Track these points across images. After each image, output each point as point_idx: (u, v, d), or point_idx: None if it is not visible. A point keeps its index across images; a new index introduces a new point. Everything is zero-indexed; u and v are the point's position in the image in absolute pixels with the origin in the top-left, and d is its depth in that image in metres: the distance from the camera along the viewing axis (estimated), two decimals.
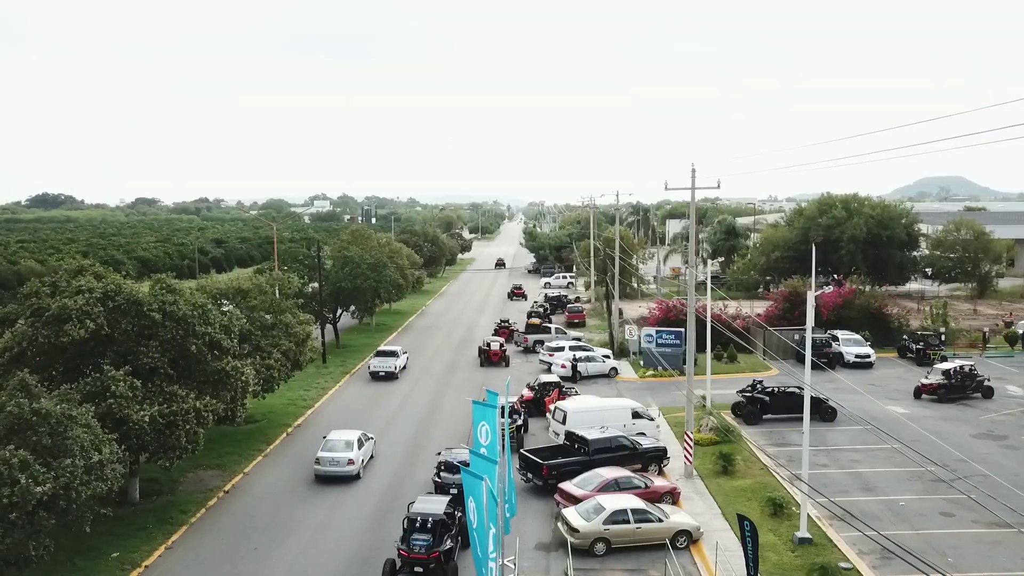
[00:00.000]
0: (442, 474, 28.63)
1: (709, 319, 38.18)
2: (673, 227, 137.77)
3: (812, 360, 50.48)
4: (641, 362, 52.33)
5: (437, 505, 24.01)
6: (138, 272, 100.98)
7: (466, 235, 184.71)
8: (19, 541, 16.68)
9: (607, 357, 51.45)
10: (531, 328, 62.51)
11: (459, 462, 28.90)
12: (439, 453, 31.17)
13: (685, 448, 31.88)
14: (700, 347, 51.89)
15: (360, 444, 31.46)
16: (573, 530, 24.90)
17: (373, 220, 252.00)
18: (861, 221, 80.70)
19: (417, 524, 22.96)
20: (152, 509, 27.68)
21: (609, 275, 63.75)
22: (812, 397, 38.81)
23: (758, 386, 39.81)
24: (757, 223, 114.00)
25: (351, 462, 30.58)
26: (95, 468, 18.93)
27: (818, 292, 53.24)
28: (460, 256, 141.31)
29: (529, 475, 30.49)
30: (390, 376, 49.04)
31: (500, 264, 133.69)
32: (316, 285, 54.87)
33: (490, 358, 53.56)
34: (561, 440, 33.90)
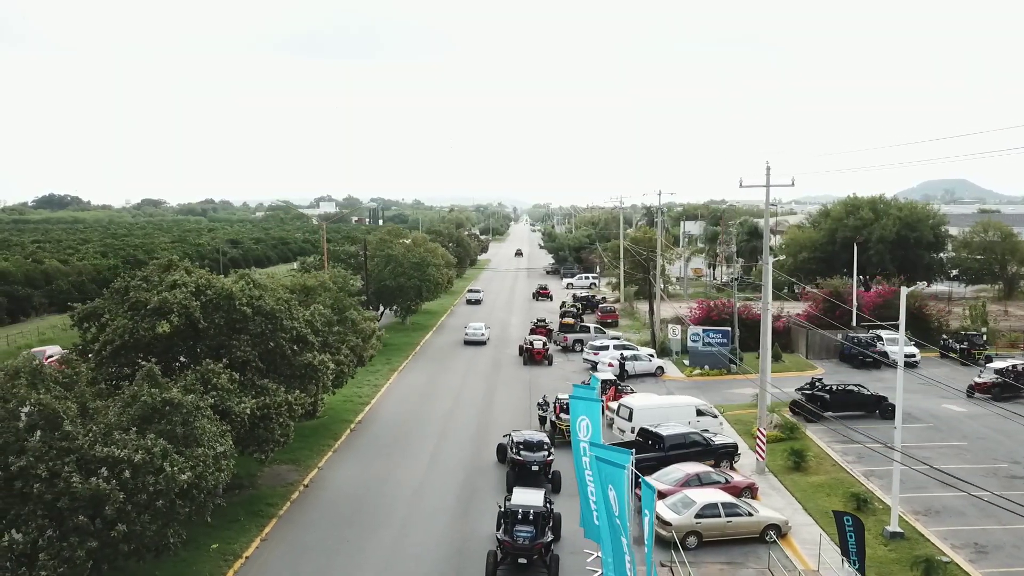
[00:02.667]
0: (522, 452, 29.61)
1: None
2: (689, 228, 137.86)
3: (858, 359, 50.79)
4: (686, 361, 52.53)
5: (535, 498, 24.26)
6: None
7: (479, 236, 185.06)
8: (159, 528, 16.88)
9: (652, 356, 51.66)
10: (565, 328, 62.78)
11: (537, 441, 29.70)
12: (506, 435, 31.84)
13: (758, 444, 32.06)
14: (746, 347, 52.44)
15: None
16: (665, 523, 25.08)
17: (380, 221, 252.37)
18: (889, 222, 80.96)
19: (519, 516, 23.19)
20: (239, 502, 27.86)
21: (651, 274, 63.91)
22: (873, 395, 39.41)
23: (817, 384, 40.00)
24: (779, 224, 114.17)
25: None
26: (220, 458, 19.13)
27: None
28: (478, 256, 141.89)
29: None
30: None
31: (519, 253, 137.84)
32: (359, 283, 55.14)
33: (533, 357, 53.79)
34: (627, 436, 34.15)
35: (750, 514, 25.71)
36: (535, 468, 29.42)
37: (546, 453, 29.96)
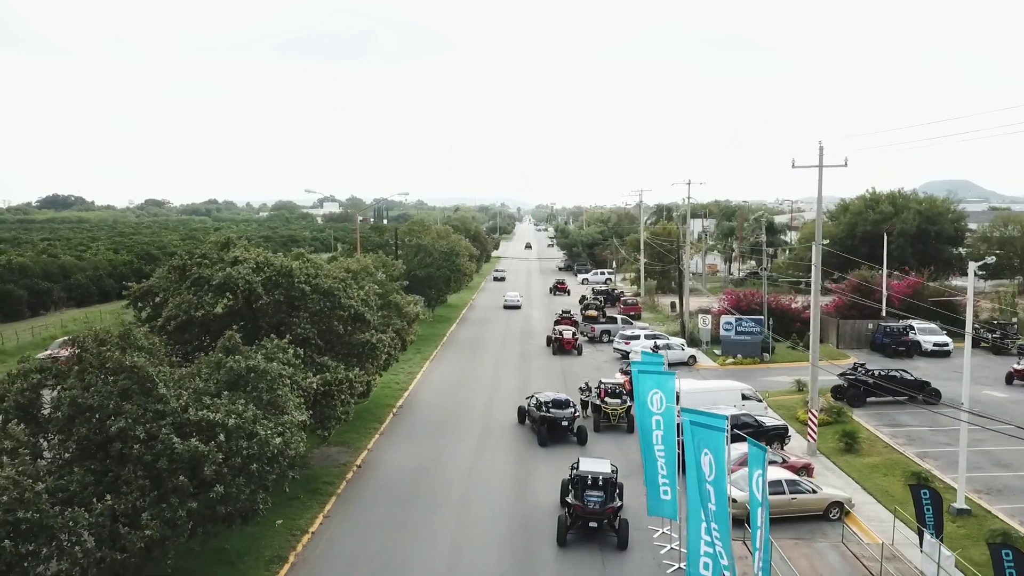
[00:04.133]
0: (552, 410, 32.10)
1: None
2: (695, 226, 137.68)
3: (891, 348, 50.63)
4: (716, 351, 52.44)
5: (602, 465, 24.30)
6: None
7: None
8: (251, 493, 16.77)
9: (683, 346, 51.57)
10: (590, 319, 62.75)
11: (564, 399, 32.98)
12: (529, 396, 34.44)
13: (809, 426, 31.95)
14: (785, 335, 52.35)
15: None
16: (730, 501, 24.95)
17: (385, 221, 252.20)
18: (910, 216, 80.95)
19: (589, 482, 23.19)
20: (295, 481, 27.74)
21: (679, 264, 63.84)
22: (917, 380, 39.34)
23: (860, 369, 39.89)
24: (794, 219, 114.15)
25: None
26: (302, 428, 19.01)
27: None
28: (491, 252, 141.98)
29: None
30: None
31: (528, 246, 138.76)
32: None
33: (563, 346, 53.68)
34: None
35: (814, 491, 25.63)
36: (564, 424, 32.50)
37: (573, 410, 33.05)
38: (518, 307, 75.73)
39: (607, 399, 35.53)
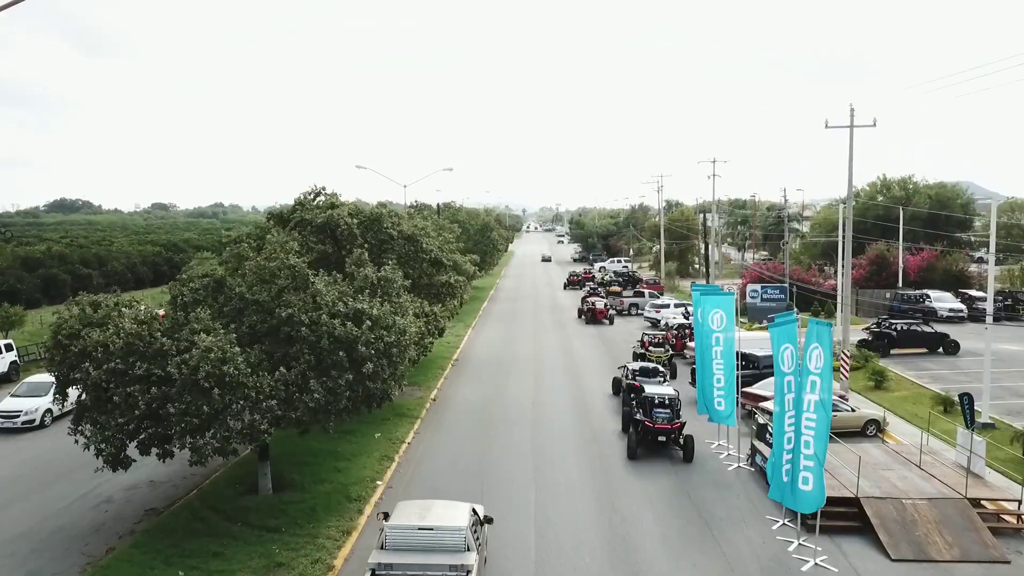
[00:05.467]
0: (639, 378, 31.59)
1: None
2: (704, 219, 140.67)
3: (908, 315, 53.49)
4: (743, 319, 55.32)
5: (667, 389, 27.13)
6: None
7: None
8: (391, 375, 19.61)
9: None
10: (612, 294, 65.84)
11: (652, 368, 32.18)
12: (620, 367, 34.27)
13: (842, 364, 34.82)
14: (801, 306, 55.25)
15: None
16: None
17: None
18: (921, 200, 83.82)
19: (655, 401, 26.04)
20: (387, 406, 30.74)
21: (704, 239, 66.72)
22: (937, 332, 42.24)
23: (883, 323, 42.77)
24: (805, 209, 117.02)
25: None
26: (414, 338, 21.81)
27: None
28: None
29: None
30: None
31: (546, 259, 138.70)
32: None
33: (595, 315, 56.64)
34: None
35: (852, 410, 28.52)
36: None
37: (662, 379, 31.71)
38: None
39: (651, 348, 38.52)
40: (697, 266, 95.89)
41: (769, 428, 24.55)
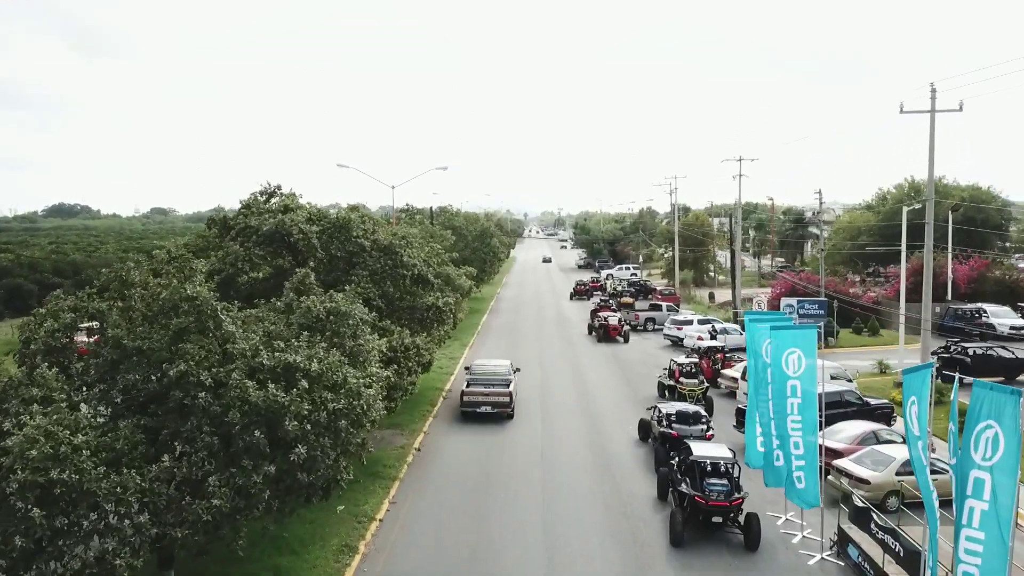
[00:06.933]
0: (675, 425, 25.11)
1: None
2: (717, 224, 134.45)
3: (962, 332, 47.19)
4: None
5: (719, 449, 20.81)
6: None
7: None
8: (336, 459, 13.44)
9: (740, 331, 48.20)
10: (626, 307, 59.53)
11: (693, 413, 25.67)
12: (650, 407, 27.94)
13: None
14: (842, 322, 49.02)
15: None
16: (861, 482, 21.61)
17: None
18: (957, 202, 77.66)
19: (709, 468, 19.72)
20: (353, 464, 24.45)
21: (731, 246, 60.53)
22: (1017, 358, 35.95)
23: (953, 347, 36.53)
24: (824, 212, 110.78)
25: None
26: (385, 386, 15.70)
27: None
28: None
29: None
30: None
31: (546, 259, 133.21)
32: None
33: (608, 333, 50.31)
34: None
35: (947, 472, 22.18)
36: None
37: (704, 427, 24.93)
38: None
39: (683, 379, 32.20)
40: (712, 274, 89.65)
41: (869, 509, 18.22)
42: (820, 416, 19.29)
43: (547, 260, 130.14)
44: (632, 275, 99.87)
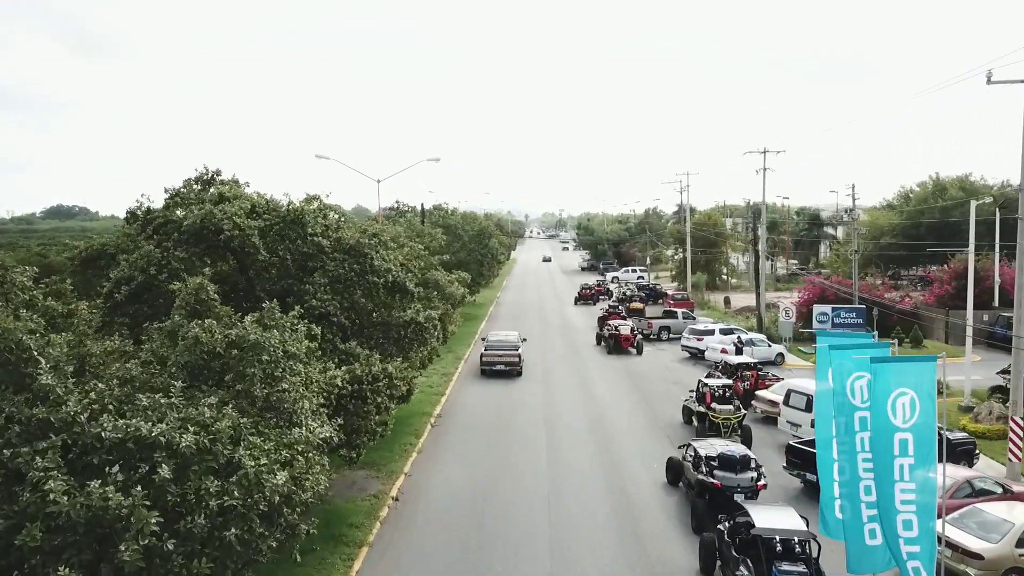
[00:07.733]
0: (717, 472, 19.92)
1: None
2: (730, 224, 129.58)
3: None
4: (802, 348, 44.07)
5: (788, 518, 15.75)
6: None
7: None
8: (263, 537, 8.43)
9: (768, 342, 43.18)
10: (635, 312, 54.43)
11: (741, 456, 20.46)
12: (682, 446, 22.87)
13: (1012, 439, 23.53)
14: (882, 332, 43.87)
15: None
16: (971, 555, 16.52)
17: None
18: (987, 202, 72.71)
19: (779, 549, 14.90)
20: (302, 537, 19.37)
21: (755, 248, 55.51)
22: None
23: None
24: (840, 212, 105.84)
25: None
26: (324, 450, 10.68)
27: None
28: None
29: (805, 473, 22.16)
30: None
31: (546, 259, 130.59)
32: None
33: (619, 344, 45.19)
34: (805, 431, 25.72)
35: None
36: (740, 496, 19.30)
37: (755, 475, 19.89)
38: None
39: (715, 405, 27.09)
40: (725, 277, 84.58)
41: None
42: (940, 483, 14.10)
43: (547, 259, 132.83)
44: (639, 278, 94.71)
